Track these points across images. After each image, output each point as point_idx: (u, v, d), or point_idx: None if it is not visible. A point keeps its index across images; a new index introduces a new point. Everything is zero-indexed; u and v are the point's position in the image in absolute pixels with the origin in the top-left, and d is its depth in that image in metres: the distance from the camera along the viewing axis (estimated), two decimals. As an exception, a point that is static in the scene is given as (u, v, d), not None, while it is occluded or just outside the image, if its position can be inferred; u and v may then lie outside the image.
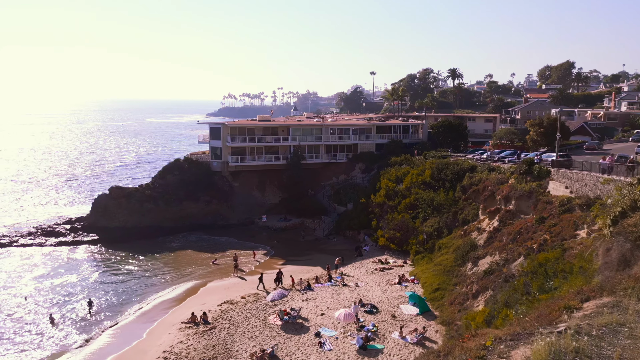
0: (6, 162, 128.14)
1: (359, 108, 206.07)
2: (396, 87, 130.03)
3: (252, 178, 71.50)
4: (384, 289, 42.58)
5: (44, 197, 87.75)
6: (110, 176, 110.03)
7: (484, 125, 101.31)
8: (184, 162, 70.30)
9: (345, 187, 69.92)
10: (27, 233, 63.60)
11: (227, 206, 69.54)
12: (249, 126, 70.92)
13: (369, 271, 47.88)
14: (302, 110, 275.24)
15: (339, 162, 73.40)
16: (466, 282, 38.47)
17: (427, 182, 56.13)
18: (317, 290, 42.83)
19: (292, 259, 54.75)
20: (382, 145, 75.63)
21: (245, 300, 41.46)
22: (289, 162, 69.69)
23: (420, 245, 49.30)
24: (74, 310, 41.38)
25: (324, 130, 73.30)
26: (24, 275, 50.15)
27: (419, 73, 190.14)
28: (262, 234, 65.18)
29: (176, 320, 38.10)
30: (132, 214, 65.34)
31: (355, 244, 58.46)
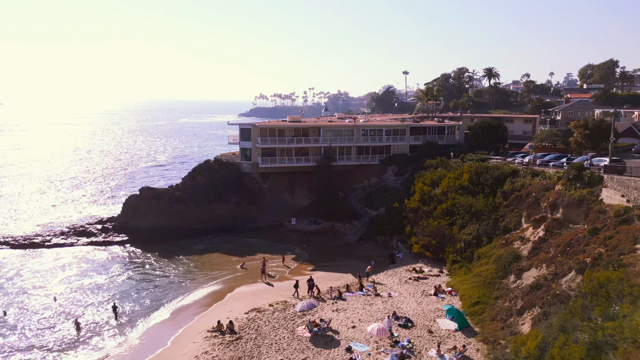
0: (44, 162, 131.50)
1: (390, 108, 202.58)
2: (431, 86, 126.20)
3: (281, 180, 70.10)
4: (419, 300, 40.20)
5: (78, 197, 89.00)
6: (143, 176, 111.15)
7: (522, 126, 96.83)
8: (214, 163, 69.54)
9: (377, 191, 67.58)
10: (59, 232, 64.11)
11: (256, 208, 68.37)
12: (279, 127, 69.54)
13: (402, 280, 45.52)
14: (332, 110, 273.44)
15: (371, 164, 71.10)
16: (509, 297, 35.73)
17: (464, 187, 53.24)
18: (348, 300, 40.83)
19: (322, 264, 52.93)
20: (416, 147, 72.86)
21: (273, 308, 39.88)
22: (319, 164, 67.90)
23: (458, 254, 46.58)
24: (100, 314, 40.79)
25: (355, 131, 71.18)
26: (55, 275, 50.22)
27: (453, 72, 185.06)
28: (291, 237, 63.68)
29: (202, 328, 36.87)
30: (162, 215, 64.99)
31: (388, 250, 56.14)
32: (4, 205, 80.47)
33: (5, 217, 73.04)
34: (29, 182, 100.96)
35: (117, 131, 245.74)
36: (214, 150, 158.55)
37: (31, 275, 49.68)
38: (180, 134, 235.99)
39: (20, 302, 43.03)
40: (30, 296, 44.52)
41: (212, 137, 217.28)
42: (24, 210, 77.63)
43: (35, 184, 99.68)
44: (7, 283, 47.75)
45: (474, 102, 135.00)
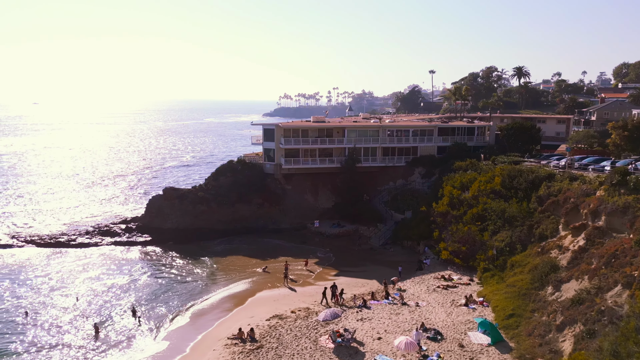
0: (72, 161, 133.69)
1: (416, 108, 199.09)
2: (459, 85, 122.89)
3: (305, 181, 68.75)
4: (448, 310, 38.17)
5: (104, 195, 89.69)
6: (168, 175, 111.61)
7: (555, 127, 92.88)
8: (237, 163, 68.69)
9: (403, 193, 65.54)
10: (84, 232, 64.32)
11: (279, 210, 67.20)
12: (303, 127, 68.18)
13: (430, 288, 43.50)
14: (357, 110, 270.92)
15: (396, 165, 69.07)
16: (547, 310, 33.39)
17: (496, 191, 50.75)
18: (373, 309, 39.10)
19: (346, 269, 51.28)
20: (444, 148, 70.46)
21: (296, 315, 38.48)
22: (343, 165, 66.26)
23: (490, 262, 44.25)
24: (119, 317, 40.12)
25: (381, 132, 69.25)
26: (78, 275, 50.07)
27: (481, 71, 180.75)
28: (314, 240, 62.27)
29: (222, 335, 35.75)
30: (185, 216, 64.50)
31: (414, 256, 54.17)
32: (32, 204, 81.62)
33: (34, 215, 73.92)
34: (58, 181, 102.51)
35: (145, 130, 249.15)
36: (238, 150, 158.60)
37: (55, 275, 49.65)
38: (205, 133, 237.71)
39: (43, 303, 42.84)
40: (53, 297, 44.31)
41: (237, 137, 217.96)
42: (52, 208, 78.50)
43: (64, 182, 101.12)
44: (31, 282, 47.79)
45: (503, 101, 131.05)
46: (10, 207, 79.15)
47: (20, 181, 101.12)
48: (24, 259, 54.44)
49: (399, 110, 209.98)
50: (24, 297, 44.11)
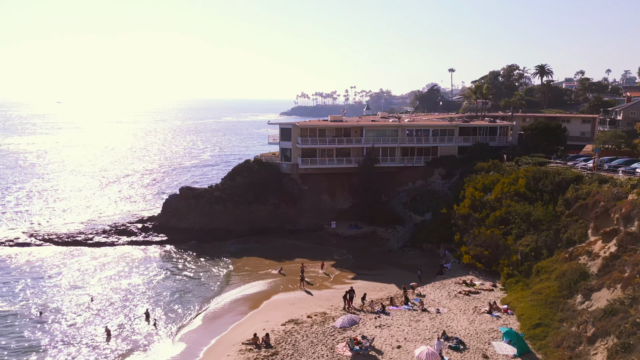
0: (92, 159, 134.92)
1: (435, 107, 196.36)
2: (480, 84, 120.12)
3: (322, 181, 67.65)
4: (470, 318, 36.64)
5: (122, 194, 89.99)
6: (185, 174, 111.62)
7: (580, 126, 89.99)
8: (254, 163, 67.95)
9: (422, 194, 63.95)
10: (102, 231, 64.35)
11: (295, 210, 66.25)
12: (320, 127, 67.06)
13: (451, 294, 41.98)
14: (374, 109, 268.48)
15: (416, 166, 67.45)
16: (577, 320, 31.65)
17: (521, 193, 48.88)
18: (392, 315, 37.79)
19: (363, 272, 50.03)
20: (465, 148, 68.58)
21: (312, 320, 37.41)
22: (361, 166, 64.95)
23: (514, 267, 42.51)
24: (132, 319, 39.56)
25: (400, 132, 67.70)
26: (94, 274, 49.93)
27: (502, 70, 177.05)
28: (330, 241, 61.17)
29: (236, 339, 34.89)
30: (201, 216, 64.05)
31: (434, 259, 52.77)
32: (52, 202, 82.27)
33: (53, 214, 74.42)
34: (77, 179, 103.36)
35: (163, 129, 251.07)
36: (255, 149, 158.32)
37: (71, 275, 49.54)
38: (223, 132, 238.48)
39: (58, 302, 42.61)
40: (68, 296, 44.09)
41: (254, 136, 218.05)
42: (70, 207, 78.97)
43: (83, 180, 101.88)
44: (47, 281, 47.75)
45: (525, 100, 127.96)
46: (30, 205, 79.87)
47: (41, 179, 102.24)
48: (41, 258, 54.55)
49: (417, 109, 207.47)
50: (39, 296, 44.04)
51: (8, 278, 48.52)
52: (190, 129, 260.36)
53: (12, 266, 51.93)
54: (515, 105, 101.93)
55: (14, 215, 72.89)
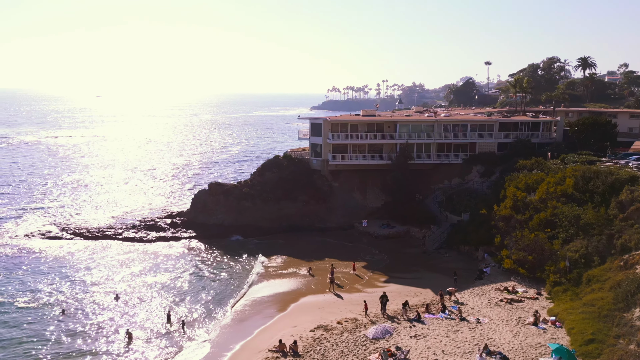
0: (125, 153, 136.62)
1: (470, 101, 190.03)
2: (520, 77, 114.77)
3: (353, 178, 65.37)
4: (514, 330, 33.82)
5: (153, 188, 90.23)
6: (216, 168, 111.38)
7: (628, 122, 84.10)
8: (283, 159, 66.31)
9: (459, 193, 60.81)
10: (131, 226, 64.15)
11: (325, 208, 64.29)
12: (352, 122, 64.67)
13: (492, 302, 39.14)
14: (407, 103, 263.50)
15: (452, 163, 64.26)
16: (636, 337, 28.48)
17: (568, 194, 45.36)
18: (428, 324, 35.36)
19: (396, 275, 47.62)
20: (505, 145, 64.91)
21: (342, 327, 35.40)
22: (394, 162, 62.28)
23: (561, 275, 39.25)
24: (155, 320, 38.43)
25: (436, 127, 64.59)
26: (121, 270, 49.39)
27: (542, 63, 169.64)
28: (361, 240, 58.96)
29: (262, 346, 33.29)
30: (230, 212, 62.95)
31: (471, 263, 49.95)
32: (85, 195, 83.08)
33: (84, 207, 75.02)
34: (111, 172, 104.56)
35: (195, 124, 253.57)
36: (286, 144, 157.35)
37: (98, 271, 49.08)
38: (254, 126, 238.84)
39: (82, 300, 42.00)
40: (92, 293, 43.46)
41: (285, 130, 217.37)
42: (101, 201, 79.52)
43: (115, 174, 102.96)
44: (74, 276, 47.46)
45: (567, 94, 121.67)
46: (63, 198, 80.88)
47: (75, 172, 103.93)
48: (71, 252, 54.55)
49: (451, 103, 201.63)
50: (63, 292, 43.52)
51: (36, 272, 48.48)
52: (221, 123, 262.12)
53: (42, 259, 52.07)
54: (558, 100, 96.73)
55: (47, 208, 73.73)
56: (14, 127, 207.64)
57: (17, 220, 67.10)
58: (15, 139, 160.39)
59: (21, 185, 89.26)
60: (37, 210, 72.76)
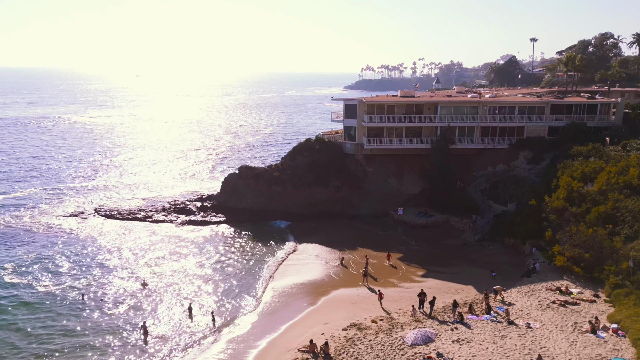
0: (158, 133, 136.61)
1: (512, 81, 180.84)
2: (572, 54, 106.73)
3: (388, 163, 61.87)
4: (570, 338, 30.23)
5: (184, 170, 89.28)
6: (247, 150, 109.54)
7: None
8: (315, 142, 63.39)
9: (504, 181, 56.55)
10: (161, 209, 63.16)
11: (358, 194, 61.28)
12: (389, 103, 60.80)
13: (543, 304, 35.47)
14: (445, 83, 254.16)
15: (497, 148, 59.74)
16: None
17: (632, 186, 40.73)
18: (472, 326, 32.19)
19: (435, 269, 44.36)
20: (556, 129, 59.81)
21: (377, 327, 32.72)
22: (434, 147, 58.35)
23: (624, 277, 35.14)
24: (178, 313, 36.62)
25: (480, 109, 59.97)
26: (148, 255, 48.33)
27: (594, 39, 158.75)
28: (397, 229, 55.81)
29: (291, 344, 31.09)
30: (260, 196, 60.91)
31: (517, 257, 46.14)
32: (116, 176, 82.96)
33: (116, 189, 74.70)
34: (142, 153, 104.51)
35: (228, 104, 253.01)
36: (318, 126, 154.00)
37: (126, 254, 48.14)
38: (286, 107, 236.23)
39: (105, 285, 41.00)
40: (118, 279, 42.47)
41: (318, 110, 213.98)
42: (135, 182, 79.06)
43: (147, 155, 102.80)
44: (101, 258, 46.90)
45: (623, 73, 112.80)
46: (97, 179, 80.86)
47: (109, 153, 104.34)
48: (101, 233, 54.02)
49: (492, 83, 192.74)
50: (87, 276, 42.83)
51: (65, 253, 48.01)
52: (254, 103, 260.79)
53: (73, 241, 51.75)
54: (614, 79, 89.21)
55: (80, 189, 73.84)
56: (51, 106, 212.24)
57: (51, 200, 67.39)
58: (52, 119, 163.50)
59: (56, 165, 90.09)
60: (70, 190, 72.99)
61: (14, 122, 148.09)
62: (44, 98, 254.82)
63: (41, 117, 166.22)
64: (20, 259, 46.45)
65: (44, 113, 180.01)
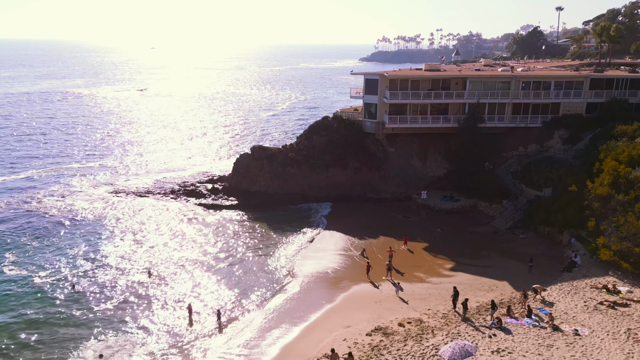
0: (169, 109, 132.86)
1: (535, 52, 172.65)
2: (607, 24, 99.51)
3: (411, 143, 57.76)
4: (625, 348, 26.70)
5: (196, 148, 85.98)
6: (260, 128, 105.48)
7: None
8: (333, 120, 59.39)
9: (537, 163, 52.11)
10: (170, 190, 60.33)
11: (379, 176, 57.58)
12: (414, 77, 56.23)
13: (589, 305, 31.86)
14: (464, 54, 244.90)
15: (529, 126, 55.24)
16: None
17: (691, 172, 36.25)
18: (512, 333, 28.80)
19: (464, 261, 40.75)
20: (594, 105, 54.94)
21: (405, 332, 29.53)
22: (461, 125, 54.05)
23: (684, 277, 31.28)
24: (179, 314, 33.51)
25: (513, 84, 55.14)
26: (153, 241, 45.85)
27: (624, 8, 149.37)
28: (420, 214, 52.27)
29: (308, 352, 28.14)
30: (274, 178, 57.54)
31: (554, 248, 42.35)
32: (124, 155, 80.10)
33: (124, 168, 71.89)
34: (151, 131, 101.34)
35: (242, 77, 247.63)
36: (334, 101, 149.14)
37: (127, 243, 45.24)
38: (300, 80, 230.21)
39: (101, 275, 38.40)
40: (114, 270, 39.77)
41: (333, 84, 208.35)
42: (143, 161, 76.21)
43: (157, 132, 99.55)
44: (98, 245, 44.30)
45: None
46: (104, 158, 78.04)
47: (116, 130, 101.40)
48: (107, 217, 51.50)
49: (514, 55, 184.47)
50: (81, 265, 40.13)
51: (66, 238, 45.82)
52: (267, 76, 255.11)
53: (76, 225, 49.45)
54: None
55: (84, 169, 70.84)
56: (60, 79, 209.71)
57: (57, 179, 64.89)
58: (60, 92, 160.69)
59: (60, 144, 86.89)
60: (73, 171, 70.00)
61: (22, 99, 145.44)
62: (53, 71, 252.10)
63: (49, 91, 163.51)
64: (21, 243, 44.54)
65: (52, 87, 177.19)
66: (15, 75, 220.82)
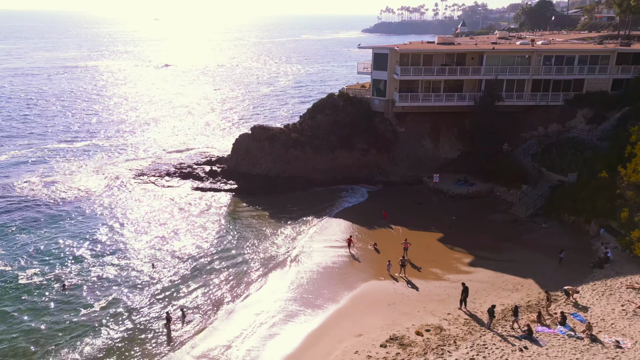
0: (166, 84, 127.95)
1: (545, 24, 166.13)
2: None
3: (422, 123, 53.94)
4: (676, 365, 23.64)
5: (193, 127, 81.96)
6: (261, 106, 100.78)
7: None
8: (339, 98, 55.40)
9: (559, 144, 48.50)
10: (165, 173, 56.93)
11: (388, 158, 54.02)
12: (427, 52, 51.90)
13: (627, 309, 28.68)
14: (469, 25, 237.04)
15: (550, 105, 51.29)
16: None
17: None
18: (543, 342, 25.73)
19: (483, 255, 37.47)
20: (621, 82, 50.88)
21: (423, 341, 26.46)
22: (477, 104, 50.12)
23: None
24: (158, 319, 30.03)
25: (534, 59, 50.86)
26: (151, 231, 42.40)
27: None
28: (431, 200, 48.95)
29: (317, 366, 25.06)
30: (276, 161, 53.96)
31: (580, 238, 39.20)
32: (117, 134, 76.18)
33: (117, 149, 68.07)
34: (147, 108, 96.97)
35: (242, 50, 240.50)
36: (338, 75, 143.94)
37: (115, 236, 41.57)
38: (302, 53, 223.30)
39: (86, 273, 35.18)
40: (101, 266, 36.48)
41: (336, 56, 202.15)
42: (137, 141, 72.31)
43: (152, 110, 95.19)
44: (86, 235, 40.80)
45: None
46: (97, 137, 74.16)
47: (112, 107, 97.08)
48: (96, 202, 47.95)
49: (522, 26, 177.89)
50: (72, 261, 36.88)
51: (50, 229, 42.36)
52: (268, 48, 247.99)
53: (65, 209, 46.35)
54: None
55: (74, 150, 66.84)
56: (55, 51, 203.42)
57: (44, 163, 61.07)
58: (56, 65, 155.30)
59: (49, 121, 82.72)
60: (62, 151, 66.05)
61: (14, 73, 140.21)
62: (50, 44, 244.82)
63: (45, 66, 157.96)
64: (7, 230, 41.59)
65: (48, 60, 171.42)
66: (7, 48, 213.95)
